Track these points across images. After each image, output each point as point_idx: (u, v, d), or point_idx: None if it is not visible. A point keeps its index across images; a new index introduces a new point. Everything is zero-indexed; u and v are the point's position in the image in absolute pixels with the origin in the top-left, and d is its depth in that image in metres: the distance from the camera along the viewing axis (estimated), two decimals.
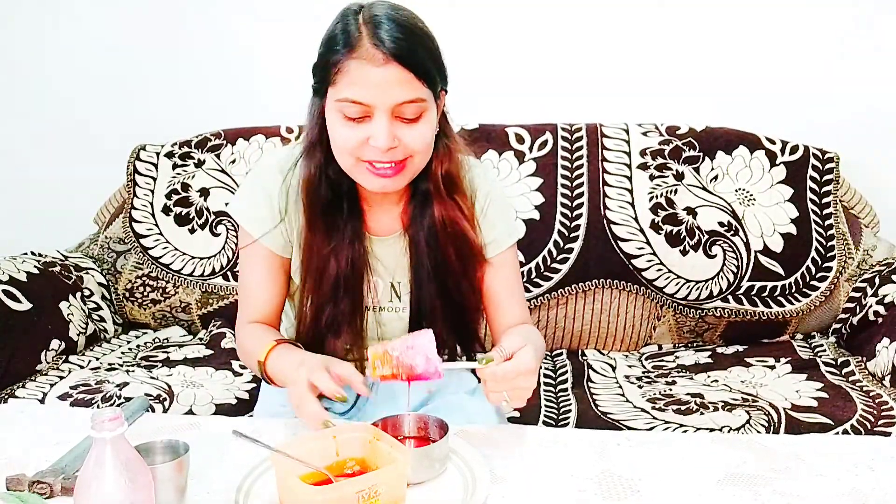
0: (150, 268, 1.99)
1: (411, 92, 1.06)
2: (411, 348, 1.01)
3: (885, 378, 1.60)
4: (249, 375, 1.69)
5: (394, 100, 1.06)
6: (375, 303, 1.25)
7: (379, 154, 1.08)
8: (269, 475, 0.95)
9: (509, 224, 1.29)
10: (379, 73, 1.04)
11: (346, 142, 1.09)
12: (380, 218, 1.23)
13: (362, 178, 1.13)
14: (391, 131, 1.07)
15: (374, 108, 1.06)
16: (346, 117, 1.08)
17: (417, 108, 1.08)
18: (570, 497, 0.94)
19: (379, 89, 1.05)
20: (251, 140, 2.01)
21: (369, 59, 1.04)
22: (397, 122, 1.08)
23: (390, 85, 1.05)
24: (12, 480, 0.94)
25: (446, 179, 1.19)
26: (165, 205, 2.01)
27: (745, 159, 1.90)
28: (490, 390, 1.02)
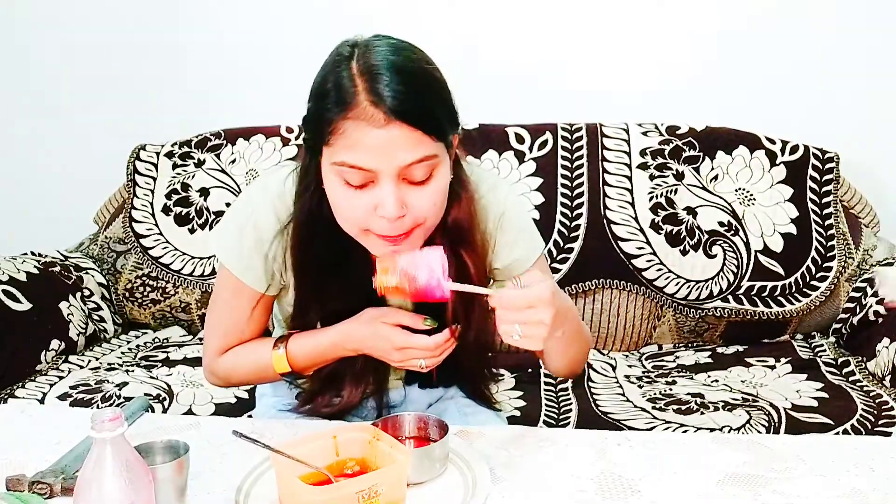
0: (150, 268, 1.99)
1: (420, 151, 0.93)
2: (418, 261, 0.96)
3: (886, 378, 1.60)
4: None
5: (400, 163, 0.93)
6: None
7: (386, 226, 0.96)
8: (269, 475, 0.95)
9: (530, 240, 1.18)
10: (381, 135, 0.91)
11: (349, 212, 0.98)
12: None
13: (369, 243, 1.01)
14: (399, 198, 0.94)
15: (379, 172, 0.93)
16: (347, 183, 0.95)
17: (428, 166, 0.95)
18: (570, 497, 0.94)
19: (382, 153, 0.92)
20: (251, 140, 2.01)
21: (368, 119, 0.91)
22: (405, 184, 0.95)
23: (395, 147, 0.92)
24: (12, 481, 0.94)
25: (453, 230, 1.06)
26: (165, 205, 2.01)
27: (745, 159, 1.90)
28: (501, 321, 0.92)
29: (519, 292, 0.91)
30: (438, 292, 0.97)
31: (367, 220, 0.97)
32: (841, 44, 2.04)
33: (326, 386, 1.17)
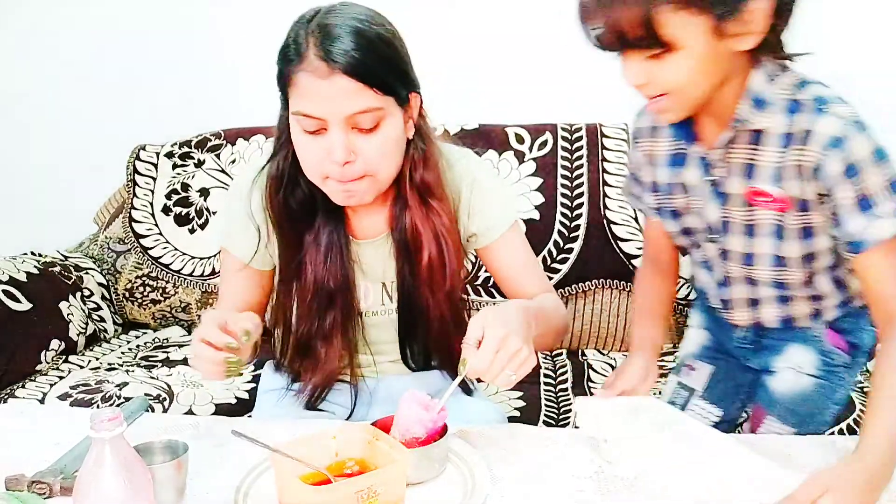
0: (150, 268, 1.99)
1: (362, 102, 1.02)
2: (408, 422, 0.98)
3: None
4: (249, 375, 1.69)
5: (344, 111, 1.02)
6: (367, 307, 1.24)
7: (337, 171, 1.05)
8: (269, 475, 0.95)
9: (502, 208, 1.24)
10: (325, 86, 1.00)
11: (308, 156, 1.07)
12: (366, 220, 1.21)
13: (330, 192, 1.11)
14: (346, 144, 1.03)
15: (327, 120, 1.03)
16: (305, 131, 1.05)
17: (374, 117, 1.03)
18: (569, 497, 0.94)
19: (327, 102, 1.01)
20: (251, 140, 2.01)
21: (314, 71, 1.01)
22: (355, 132, 1.04)
23: (338, 96, 1.01)
24: (11, 480, 0.94)
25: (421, 187, 1.15)
26: (165, 205, 2.01)
27: None
28: (489, 381, 0.96)
29: (482, 353, 0.93)
30: (441, 421, 0.99)
31: (323, 166, 1.06)
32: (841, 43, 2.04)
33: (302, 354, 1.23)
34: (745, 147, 1.00)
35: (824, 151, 0.93)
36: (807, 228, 0.99)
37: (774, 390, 1.15)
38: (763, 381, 1.18)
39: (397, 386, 1.28)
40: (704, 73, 0.94)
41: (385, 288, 1.24)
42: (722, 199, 1.03)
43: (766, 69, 0.98)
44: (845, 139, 0.91)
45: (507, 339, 0.94)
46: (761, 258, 1.05)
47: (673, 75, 0.94)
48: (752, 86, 0.97)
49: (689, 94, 0.96)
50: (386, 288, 1.24)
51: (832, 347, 1.13)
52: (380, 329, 1.26)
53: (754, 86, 0.97)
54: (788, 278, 1.05)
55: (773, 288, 1.07)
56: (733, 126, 0.99)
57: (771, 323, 1.14)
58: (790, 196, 0.98)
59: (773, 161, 0.98)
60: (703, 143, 1.03)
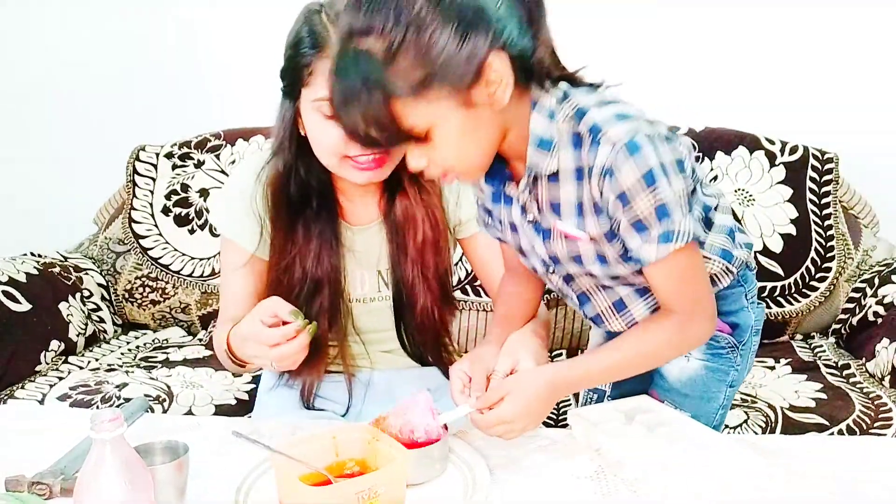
0: (150, 268, 1.99)
1: None
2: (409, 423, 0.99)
3: (885, 378, 1.60)
4: (249, 376, 1.69)
5: None
6: (363, 294, 1.26)
7: (360, 148, 1.08)
8: (269, 475, 0.95)
9: None
10: None
11: (329, 140, 1.11)
12: (360, 209, 1.25)
13: (347, 173, 1.15)
14: None
15: None
16: (326, 116, 1.09)
17: None
18: (569, 497, 0.94)
19: None
20: (251, 140, 2.01)
21: None
22: None
23: None
24: (11, 481, 0.94)
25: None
26: (165, 205, 2.01)
27: (745, 159, 1.90)
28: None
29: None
30: (434, 437, 0.99)
31: (345, 147, 1.10)
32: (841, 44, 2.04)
33: None
34: (547, 186, 0.98)
35: (601, 184, 0.92)
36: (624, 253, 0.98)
37: (667, 376, 1.15)
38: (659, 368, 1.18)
39: (396, 380, 1.29)
40: (474, 141, 0.92)
41: (381, 275, 1.26)
42: (544, 236, 1.02)
43: (545, 107, 0.94)
44: (615, 169, 0.90)
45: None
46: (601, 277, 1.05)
47: (443, 155, 0.92)
48: (533, 130, 0.94)
49: (469, 163, 0.95)
50: (382, 275, 1.26)
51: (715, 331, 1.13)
52: (376, 316, 1.28)
53: (535, 129, 0.94)
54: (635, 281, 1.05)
55: (627, 286, 1.07)
56: (527, 170, 0.97)
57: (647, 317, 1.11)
58: (595, 233, 0.98)
59: (573, 198, 0.97)
60: (516, 185, 1.01)
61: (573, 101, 0.95)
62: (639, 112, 0.97)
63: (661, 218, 0.91)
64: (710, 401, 1.15)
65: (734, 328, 1.10)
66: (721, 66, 2.07)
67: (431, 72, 0.85)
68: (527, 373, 1.03)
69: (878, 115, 2.05)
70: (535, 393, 1.00)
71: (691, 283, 0.99)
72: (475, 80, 0.87)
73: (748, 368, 1.17)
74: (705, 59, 2.07)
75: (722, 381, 1.14)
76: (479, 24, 0.86)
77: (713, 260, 1.04)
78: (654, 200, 0.90)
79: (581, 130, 0.93)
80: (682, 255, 0.94)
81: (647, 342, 1.02)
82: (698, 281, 1.01)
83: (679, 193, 0.91)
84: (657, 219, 0.92)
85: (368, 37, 0.85)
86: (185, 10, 2.19)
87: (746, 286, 1.11)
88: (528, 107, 0.94)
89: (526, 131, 0.95)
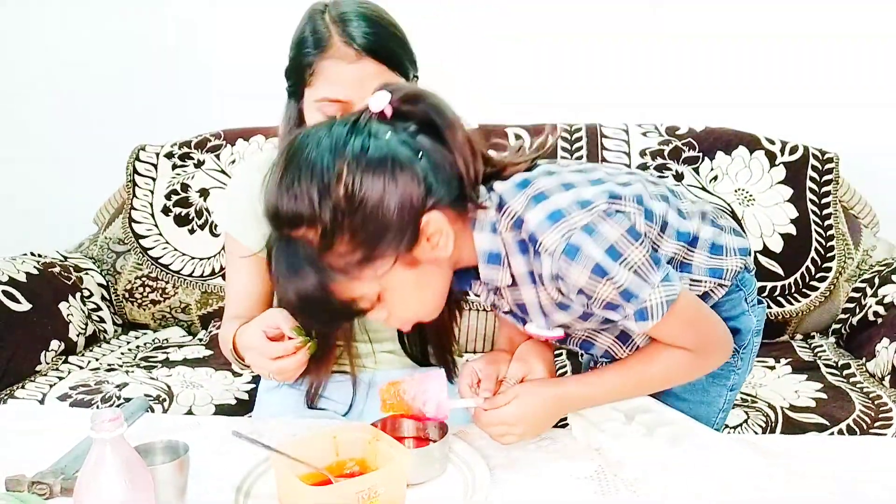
0: (150, 268, 1.99)
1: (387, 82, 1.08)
2: (424, 392, 1.00)
3: (885, 378, 1.60)
4: (249, 376, 1.69)
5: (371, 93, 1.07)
6: None
7: None
8: (269, 475, 0.95)
9: None
10: (353, 70, 1.07)
11: None
12: None
13: None
14: None
15: (353, 103, 1.08)
16: (328, 117, 1.08)
17: None
18: (569, 497, 0.94)
19: (355, 85, 1.07)
20: (251, 140, 2.01)
21: (342, 56, 1.07)
22: None
23: (366, 79, 1.07)
24: (12, 481, 0.94)
25: None
26: (165, 205, 2.01)
27: (745, 159, 1.90)
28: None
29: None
30: (441, 415, 1.00)
31: None
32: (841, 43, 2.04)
33: None
34: (508, 291, 0.99)
35: (554, 289, 0.93)
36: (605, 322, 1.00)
37: None
38: None
39: None
40: (429, 290, 0.94)
41: None
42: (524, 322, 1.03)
43: (485, 222, 0.94)
44: (563, 275, 0.90)
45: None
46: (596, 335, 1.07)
47: (401, 311, 0.94)
48: (480, 248, 0.94)
49: (429, 310, 0.97)
50: None
51: None
52: None
53: (482, 248, 0.94)
54: None
55: None
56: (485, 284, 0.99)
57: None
58: (568, 321, 0.99)
59: (534, 300, 0.97)
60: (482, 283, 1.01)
61: (510, 208, 0.93)
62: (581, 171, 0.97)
63: (629, 300, 0.91)
64: (710, 405, 1.14)
65: (735, 333, 1.10)
66: (721, 66, 2.07)
67: (370, 248, 0.86)
68: (538, 383, 1.03)
69: (878, 115, 2.05)
70: (542, 404, 1.00)
71: (691, 325, 0.99)
72: (416, 241, 0.88)
73: (749, 370, 1.17)
74: (705, 58, 2.07)
75: (723, 386, 1.14)
76: (407, 188, 0.86)
77: (703, 281, 1.03)
78: (615, 287, 0.90)
79: (524, 236, 0.92)
80: (669, 312, 0.93)
81: (659, 369, 1.02)
82: (698, 320, 1.00)
83: (638, 265, 0.90)
84: (625, 301, 0.91)
85: (299, 227, 0.86)
86: (185, 9, 2.19)
87: (746, 290, 1.10)
88: (469, 228, 0.94)
89: (472, 247, 0.95)
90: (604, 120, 1.97)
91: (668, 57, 2.08)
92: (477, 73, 2.04)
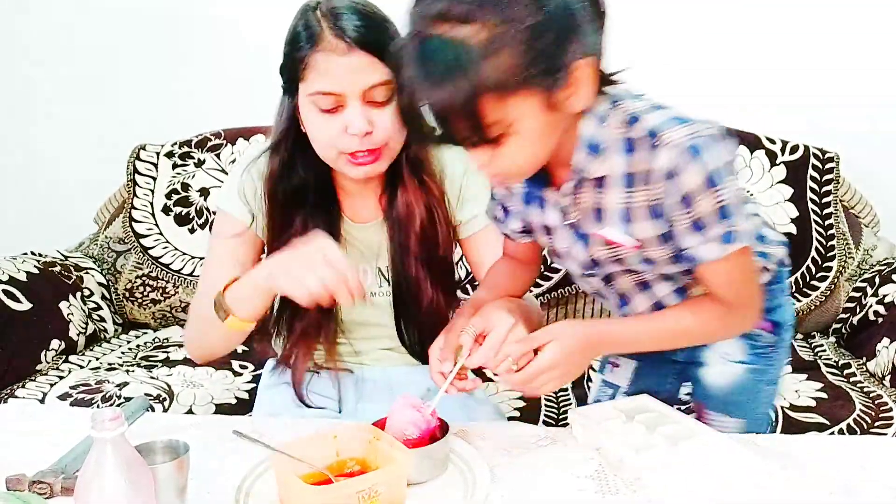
0: (150, 268, 1.99)
1: (377, 75, 1.09)
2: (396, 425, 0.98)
3: (885, 378, 1.60)
4: (249, 375, 1.69)
5: (363, 85, 1.09)
6: (366, 288, 1.25)
7: (356, 143, 1.11)
8: (270, 475, 0.95)
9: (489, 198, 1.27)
10: (344, 62, 1.08)
11: (324, 134, 1.13)
12: (360, 206, 1.26)
13: (344, 168, 1.16)
14: (365, 116, 1.10)
15: (346, 96, 1.09)
16: (321, 110, 1.11)
17: (387, 90, 1.10)
18: (569, 496, 0.94)
19: (347, 77, 1.08)
20: (251, 140, 2.01)
21: (333, 49, 1.08)
22: (369, 106, 1.10)
23: (357, 71, 1.08)
24: (12, 480, 0.94)
25: (414, 162, 1.21)
26: (165, 205, 2.01)
27: (745, 159, 1.90)
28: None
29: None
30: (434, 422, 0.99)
31: (341, 141, 1.12)
32: (841, 43, 2.04)
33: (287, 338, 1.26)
34: (592, 192, 0.96)
35: (662, 187, 0.91)
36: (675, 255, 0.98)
37: (708, 385, 1.14)
38: (696, 376, 1.17)
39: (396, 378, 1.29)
40: (543, 145, 0.91)
41: (381, 272, 1.27)
42: (584, 241, 1.01)
43: (596, 111, 0.93)
44: (678, 171, 0.89)
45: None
46: (643, 273, 1.04)
47: (512, 158, 0.90)
48: (583, 133, 0.93)
49: (531, 166, 0.94)
50: (382, 271, 1.27)
51: (757, 329, 1.12)
52: (376, 310, 1.27)
53: (585, 133, 0.93)
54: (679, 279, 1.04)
55: (667, 284, 1.05)
56: (573, 174, 0.96)
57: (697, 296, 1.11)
58: (643, 238, 0.96)
59: (620, 203, 0.95)
60: (555, 188, 0.99)
61: (624, 105, 0.94)
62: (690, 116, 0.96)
63: (723, 218, 0.91)
64: (752, 402, 1.15)
65: (776, 326, 1.11)
66: (721, 65, 2.07)
67: (529, 71, 0.83)
68: (571, 323, 1.02)
69: (878, 115, 2.05)
70: (578, 344, 0.97)
71: (745, 282, 1.00)
72: (565, 83, 0.87)
73: (784, 363, 1.18)
74: (706, 58, 2.07)
75: (761, 381, 1.14)
76: (575, 27, 0.87)
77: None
78: (717, 201, 0.90)
79: (634, 135, 0.92)
80: (738, 255, 0.94)
81: (694, 320, 1.01)
82: (751, 280, 1.02)
83: (738, 195, 0.92)
84: (719, 219, 0.91)
85: (466, 25, 0.81)
86: (185, 9, 2.19)
87: (783, 283, 1.12)
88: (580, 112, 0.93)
89: (572, 135, 0.93)
90: None
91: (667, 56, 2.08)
92: None
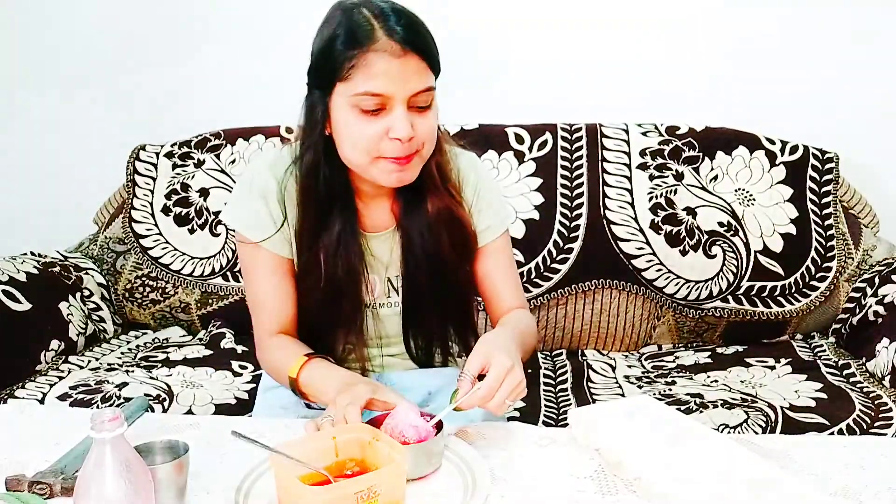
0: (150, 268, 1.99)
1: (425, 81, 1.09)
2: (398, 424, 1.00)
3: (885, 378, 1.60)
4: (249, 376, 1.69)
5: (412, 89, 1.07)
6: (373, 299, 1.26)
7: (397, 147, 1.09)
8: (269, 475, 0.95)
9: (501, 210, 1.30)
10: (399, 64, 1.06)
11: (363, 137, 1.09)
12: (373, 214, 1.24)
13: (378, 173, 1.13)
14: (409, 120, 1.08)
15: (393, 98, 1.07)
16: (363, 111, 1.08)
17: (428, 96, 1.10)
18: (569, 496, 0.94)
19: (399, 80, 1.06)
20: (251, 140, 2.01)
21: (388, 50, 1.05)
22: (411, 112, 1.09)
23: (409, 75, 1.07)
24: (12, 481, 0.94)
25: (439, 170, 1.20)
26: (165, 205, 2.01)
27: (745, 159, 1.90)
28: (489, 409, 1.02)
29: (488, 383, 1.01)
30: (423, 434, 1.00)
31: (379, 145, 1.09)
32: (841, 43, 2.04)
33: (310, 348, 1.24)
34: None
35: None
36: None
37: None
38: None
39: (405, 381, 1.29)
40: None
41: (390, 282, 1.26)
42: None
43: None
44: None
45: (513, 370, 1.01)
46: None
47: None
48: None
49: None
50: (391, 281, 1.26)
51: None
52: (384, 322, 1.27)
53: None
54: None
55: None
56: None
57: None
58: None
59: None
60: None
61: None
62: None
63: None
64: None
65: None
66: (721, 65, 2.07)
67: None
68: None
69: (878, 115, 2.05)
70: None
71: None
72: None
73: None
74: (705, 58, 2.07)
75: None
76: None
77: None
78: None
79: None
80: None
81: None
82: None
83: None
84: None
85: None
86: (186, 9, 2.19)
87: None
88: None
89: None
90: (604, 120, 1.97)
91: (668, 56, 2.08)
92: (477, 73, 2.04)
